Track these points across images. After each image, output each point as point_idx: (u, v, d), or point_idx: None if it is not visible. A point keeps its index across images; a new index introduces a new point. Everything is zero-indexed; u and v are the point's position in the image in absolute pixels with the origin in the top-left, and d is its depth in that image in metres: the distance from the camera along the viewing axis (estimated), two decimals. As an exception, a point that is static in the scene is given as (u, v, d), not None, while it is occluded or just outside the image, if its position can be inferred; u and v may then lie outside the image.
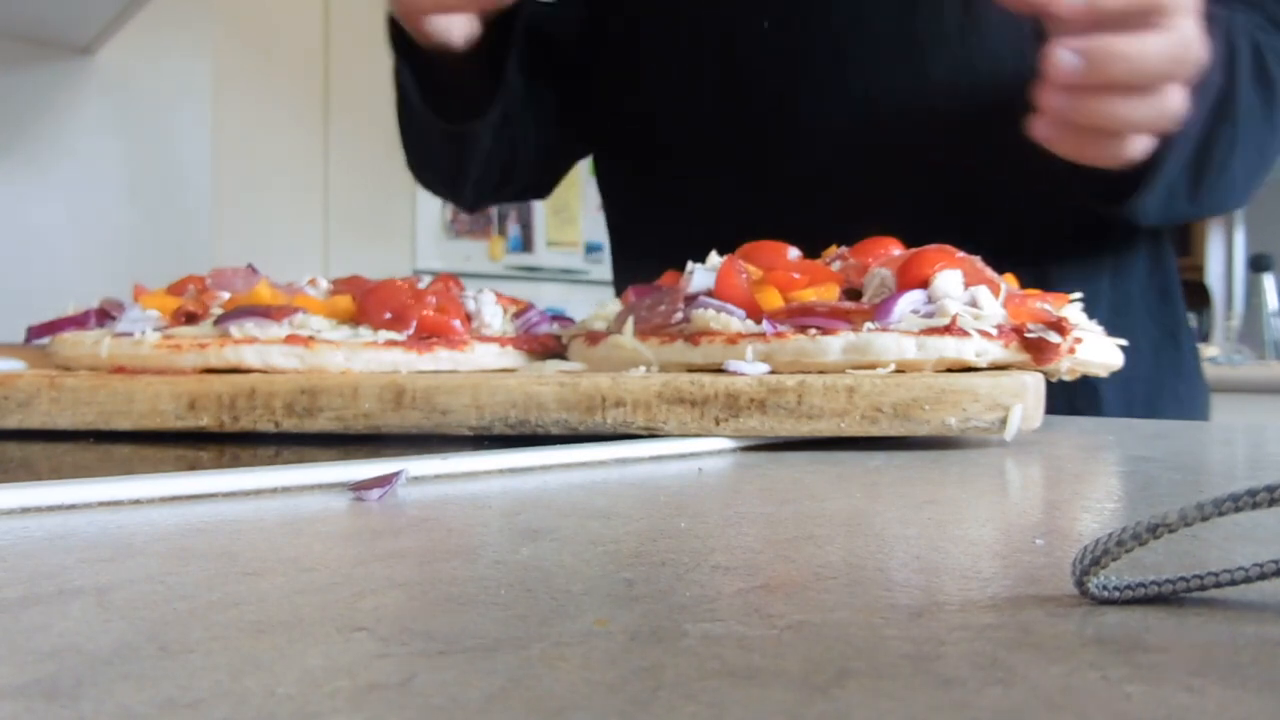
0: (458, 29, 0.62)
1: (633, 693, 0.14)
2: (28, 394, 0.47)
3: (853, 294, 0.50)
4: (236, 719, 0.13)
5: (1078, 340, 0.47)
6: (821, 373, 0.43)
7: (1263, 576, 0.17)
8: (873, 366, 0.44)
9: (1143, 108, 0.51)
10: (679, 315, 0.50)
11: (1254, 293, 2.60)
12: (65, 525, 0.26)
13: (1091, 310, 0.55)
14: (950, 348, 0.44)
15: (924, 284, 0.47)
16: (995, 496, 0.32)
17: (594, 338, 0.52)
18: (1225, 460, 0.40)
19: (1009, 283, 0.51)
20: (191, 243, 1.46)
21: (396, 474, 0.32)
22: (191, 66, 1.48)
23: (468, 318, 0.57)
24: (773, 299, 0.49)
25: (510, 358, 0.56)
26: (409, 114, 0.75)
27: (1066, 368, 0.47)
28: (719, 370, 0.45)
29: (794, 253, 0.54)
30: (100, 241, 1.37)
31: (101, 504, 0.28)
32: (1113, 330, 0.53)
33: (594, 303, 0.61)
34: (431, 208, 2.95)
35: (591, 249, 3.29)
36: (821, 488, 0.32)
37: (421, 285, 0.59)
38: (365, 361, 0.51)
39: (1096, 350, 0.49)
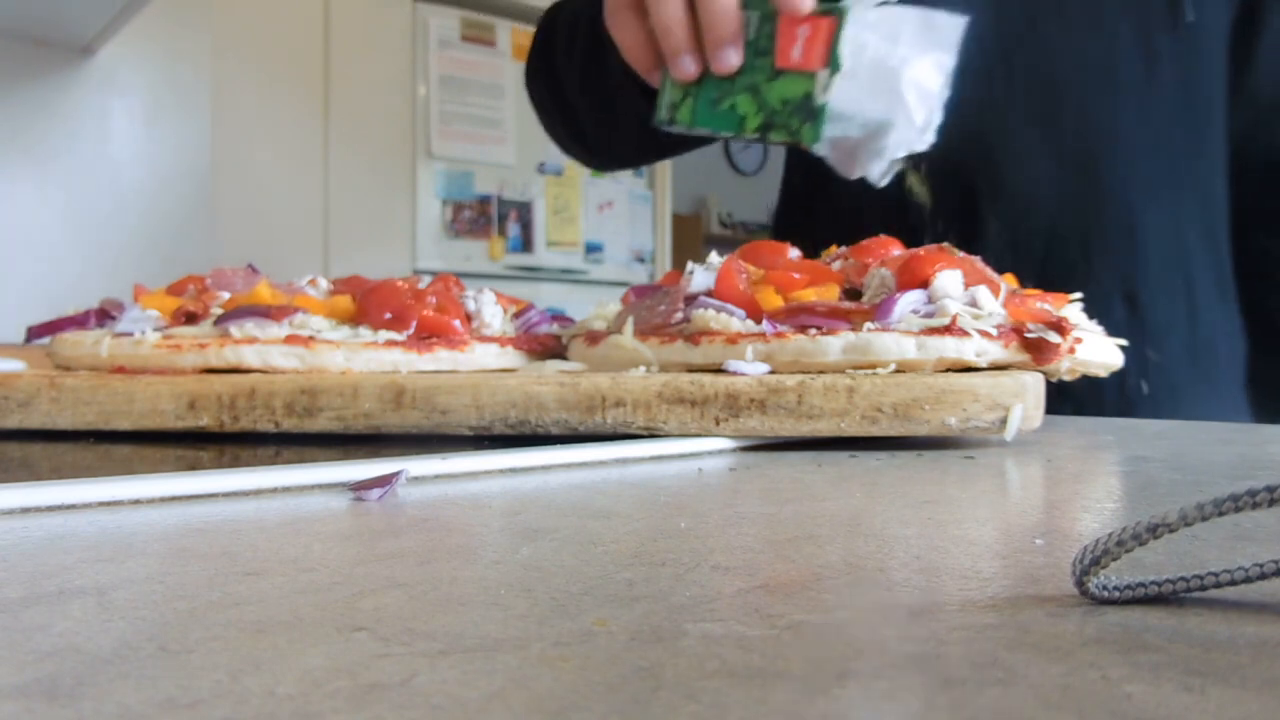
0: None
1: (633, 693, 0.14)
2: (28, 394, 0.47)
3: (853, 294, 0.50)
4: (236, 719, 0.13)
5: (1078, 340, 0.47)
6: (821, 373, 0.43)
7: (1263, 576, 0.17)
8: (873, 366, 0.44)
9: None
10: (679, 315, 0.50)
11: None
12: (65, 525, 0.26)
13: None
14: (950, 348, 0.44)
15: (924, 284, 0.47)
16: (995, 496, 0.32)
17: (594, 338, 0.52)
18: (1225, 460, 0.40)
19: (1009, 283, 0.51)
20: (191, 243, 1.46)
21: (396, 474, 0.32)
22: (191, 66, 1.48)
23: (468, 318, 0.57)
24: (773, 299, 0.49)
25: (510, 358, 0.56)
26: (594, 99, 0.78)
27: (1066, 368, 0.47)
28: (719, 370, 0.45)
29: (794, 253, 0.54)
30: (100, 241, 1.37)
31: (101, 504, 0.28)
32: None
33: (594, 303, 0.61)
34: (431, 208, 2.95)
35: (591, 249, 3.29)
36: (821, 488, 0.32)
37: (421, 285, 0.59)
38: (365, 361, 0.51)
39: (1096, 350, 0.49)
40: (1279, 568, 0.17)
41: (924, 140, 0.55)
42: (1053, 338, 0.45)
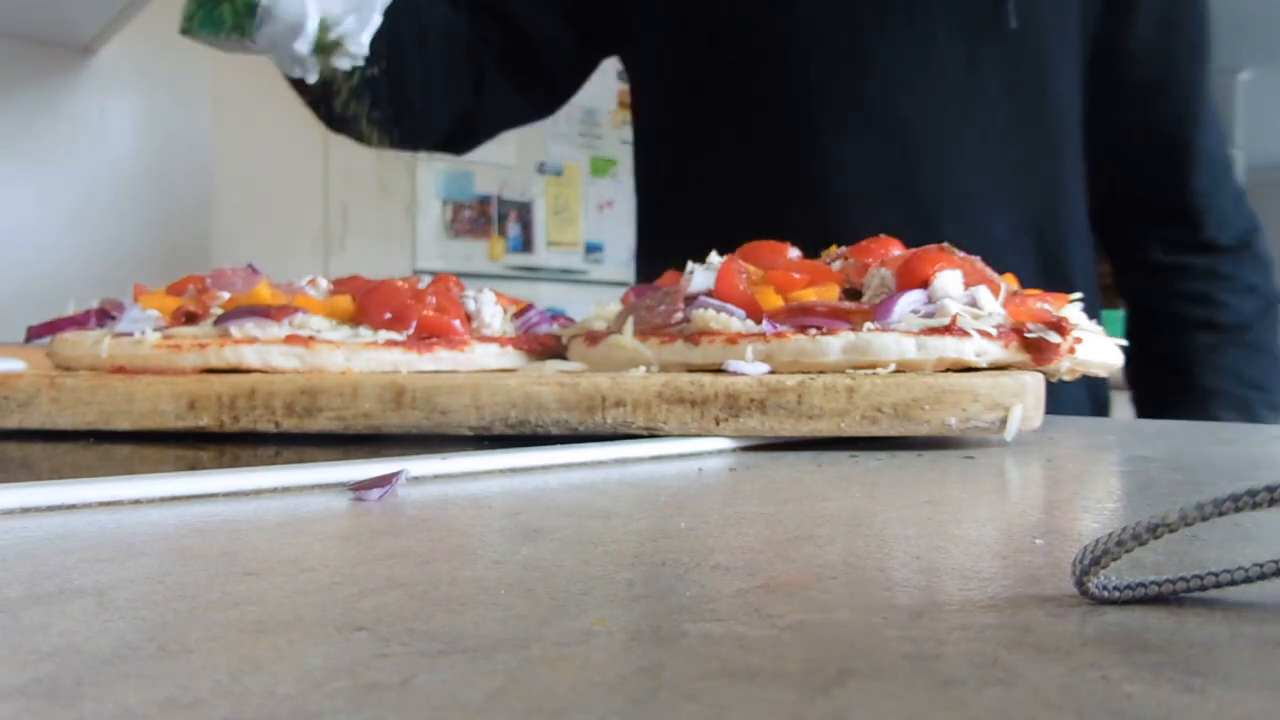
0: None
1: (633, 693, 0.14)
2: (28, 394, 0.47)
3: (853, 294, 0.50)
4: (236, 719, 0.13)
5: (1078, 340, 0.47)
6: (821, 373, 0.43)
7: (1263, 576, 0.17)
8: (873, 366, 0.44)
9: None
10: (679, 315, 0.50)
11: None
12: (65, 525, 0.26)
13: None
14: (950, 348, 0.44)
15: (924, 284, 0.47)
16: (995, 496, 0.32)
17: (594, 338, 0.52)
18: (1225, 460, 0.40)
19: (1009, 282, 0.51)
20: (191, 243, 1.46)
21: (396, 474, 0.32)
22: (191, 66, 1.48)
23: (468, 318, 0.57)
24: (773, 299, 0.49)
25: (510, 358, 0.56)
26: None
27: (1066, 368, 0.47)
28: (719, 370, 0.45)
29: (794, 253, 0.54)
30: (100, 241, 1.37)
31: (101, 504, 0.28)
32: None
33: (594, 303, 0.61)
34: (431, 208, 2.95)
35: (591, 249, 3.29)
36: (821, 488, 0.32)
37: (421, 285, 0.59)
38: (365, 361, 0.51)
39: (1096, 350, 0.49)
40: (1279, 568, 0.17)
41: (342, 50, 0.66)
42: (1053, 338, 0.45)
